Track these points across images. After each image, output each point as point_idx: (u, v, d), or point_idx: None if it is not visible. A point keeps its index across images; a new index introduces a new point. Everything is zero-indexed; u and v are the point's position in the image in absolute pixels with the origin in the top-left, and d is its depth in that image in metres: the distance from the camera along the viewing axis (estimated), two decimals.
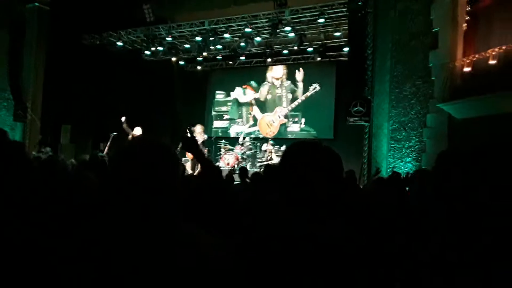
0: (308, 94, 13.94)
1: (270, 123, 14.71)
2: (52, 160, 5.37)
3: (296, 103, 14.26)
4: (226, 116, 15.75)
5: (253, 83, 15.25)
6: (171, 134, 14.38)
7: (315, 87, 13.77)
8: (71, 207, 2.57)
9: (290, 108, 14.38)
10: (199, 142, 10.58)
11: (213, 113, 15.98)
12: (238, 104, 15.53)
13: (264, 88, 14.95)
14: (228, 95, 15.77)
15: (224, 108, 15.83)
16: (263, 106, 15.06)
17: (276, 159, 11.66)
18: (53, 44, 11.45)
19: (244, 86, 15.41)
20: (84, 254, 1.13)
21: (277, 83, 14.77)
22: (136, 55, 14.17)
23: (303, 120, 14.25)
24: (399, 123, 8.30)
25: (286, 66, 14.59)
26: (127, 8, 12.32)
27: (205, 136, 11.54)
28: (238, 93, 15.52)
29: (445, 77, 7.78)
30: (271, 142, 12.37)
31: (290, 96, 14.49)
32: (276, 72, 14.78)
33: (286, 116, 14.49)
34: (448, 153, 1.75)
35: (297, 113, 14.35)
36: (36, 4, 11.31)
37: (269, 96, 14.91)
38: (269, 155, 11.90)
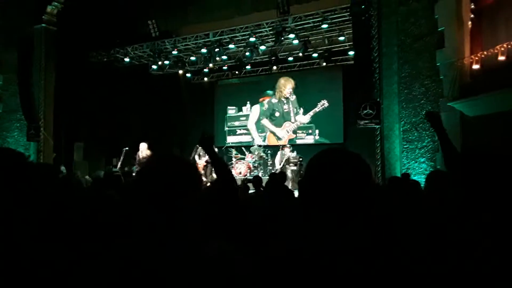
0: (317, 109, 14.10)
1: (278, 138, 14.91)
2: (67, 178, 5.43)
3: (304, 119, 14.42)
4: (238, 131, 15.77)
5: (269, 92, 15.23)
6: (180, 146, 14.47)
7: (323, 103, 13.93)
8: (94, 224, 2.59)
9: (298, 124, 14.52)
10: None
11: (226, 128, 15.99)
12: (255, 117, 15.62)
13: (270, 104, 15.12)
14: (240, 109, 15.79)
15: (236, 123, 15.84)
16: (272, 120, 15.16)
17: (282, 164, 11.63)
18: (62, 63, 11.61)
19: (261, 100, 15.40)
20: (116, 270, 1.15)
21: (284, 99, 14.88)
22: (143, 70, 14.35)
23: (317, 131, 14.27)
24: (411, 124, 8.25)
25: (294, 82, 14.65)
26: (133, 24, 12.49)
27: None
28: (255, 109, 15.57)
29: (454, 76, 7.74)
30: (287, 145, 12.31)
31: (297, 110, 14.66)
32: (286, 91, 14.82)
33: (294, 131, 14.66)
34: (475, 154, 1.67)
35: (310, 125, 14.37)
36: (43, 25, 11.50)
37: (277, 113, 15.02)
38: (283, 156, 11.79)
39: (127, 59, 13.38)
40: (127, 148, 11.03)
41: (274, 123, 15.05)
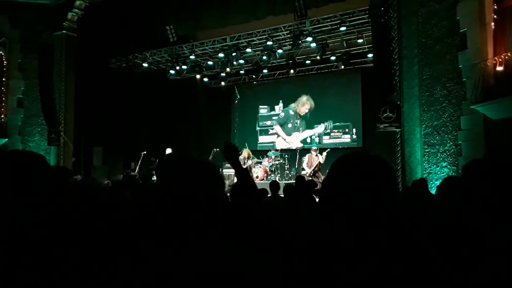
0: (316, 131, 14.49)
1: (287, 143, 15.17)
2: (87, 182, 5.47)
3: (308, 134, 14.67)
4: (271, 131, 15.66)
5: None
6: (197, 150, 14.55)
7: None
8: (113, 226, 2.58)
9: (303, 136, 14.78)
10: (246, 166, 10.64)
11: (258, 128, 15.90)
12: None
13: (287, 114, 15.26)
14: (273, 109, 15.69)
15: (268, 123, 15.71)
16: (284, 128, 15.36)
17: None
18: (82, 69, 11.82)
19: None
20: (136, 272, 1.14)
21: (299, 115, 15.02)
22: (161, 75, 14.51)
23: (354, 130, 14.00)
24: (432, 127, 8.07)
25: (313, 105, 14.73)
26: (151, 30, 12.62)
27: (255, 159, 12.08)
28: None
29: (477, 78, 7.54)
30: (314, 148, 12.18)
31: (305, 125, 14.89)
32: (303, 108, 14.88)
33: (302, 141, 14.86)
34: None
35: (347, 123, 14.12)
36: (63, 31, 11.72)
37: (289, 125, 15.17)
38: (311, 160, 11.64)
39: (145, 64, 13.55)
40: (145, 152, 11.15)
41: (285, 131, 15.19)
